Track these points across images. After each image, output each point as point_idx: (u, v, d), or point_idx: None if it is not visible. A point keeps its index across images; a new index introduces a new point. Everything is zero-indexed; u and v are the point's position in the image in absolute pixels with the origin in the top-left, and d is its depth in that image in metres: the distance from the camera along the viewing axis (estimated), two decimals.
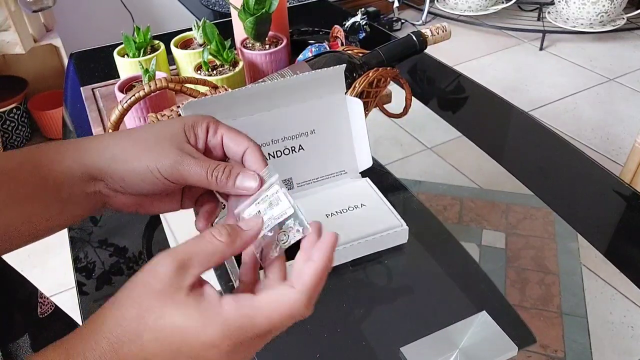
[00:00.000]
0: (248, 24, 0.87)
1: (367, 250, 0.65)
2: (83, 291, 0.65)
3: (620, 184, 0.79)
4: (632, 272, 0.63)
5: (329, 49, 0.90)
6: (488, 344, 0.55)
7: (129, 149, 0.41)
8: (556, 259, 0.68)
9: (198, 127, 0.42)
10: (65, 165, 0.42)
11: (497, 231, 0.72)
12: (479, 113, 1.01)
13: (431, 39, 0.79)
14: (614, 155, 1.94)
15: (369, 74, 0.72)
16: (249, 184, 0.41)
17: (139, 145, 0.41)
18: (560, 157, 0.87)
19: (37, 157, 0.42)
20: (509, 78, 2.43)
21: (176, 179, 0.41)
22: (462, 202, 0.79)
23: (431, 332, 0.56)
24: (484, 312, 0.58)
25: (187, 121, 0.42)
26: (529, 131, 0.94)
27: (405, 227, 0.66)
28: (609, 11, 2.50)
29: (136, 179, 0.41)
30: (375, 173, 0.73)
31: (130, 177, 0.41)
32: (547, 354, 0.56)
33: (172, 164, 0.40)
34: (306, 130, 0.68)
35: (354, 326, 0.59)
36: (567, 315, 0.61)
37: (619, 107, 2.20)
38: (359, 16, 1.01)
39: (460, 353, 0.54)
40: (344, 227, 0.65)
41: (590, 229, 0.72)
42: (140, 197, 0.44)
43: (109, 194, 0.43)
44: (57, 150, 0.43)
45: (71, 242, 0.71)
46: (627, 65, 2.47)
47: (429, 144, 0.94)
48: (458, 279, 0.65)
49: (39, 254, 1.69)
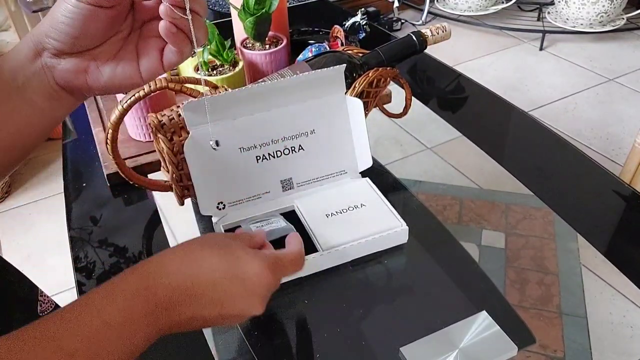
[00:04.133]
0: (248, 24, 0.87)
1: (367, 250, 0.65)
2: (83, 291, 0.65)
3: (620, 184, 0.79)
4: (632, 272, 0.63)
5: (329, 49, 0.90)
6: (488, 344, 0.55)
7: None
8: (556, 259, 0.68)
9: None
10: (19, 52, 0.44)
11: (496, 231, 0.72)
12: (479, 113, 1.01)
13: (431, 39, 0.79)
14: (613, 155, 1.94)
15: (369, 74, 0.72)
16: None
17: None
18: (560, 157, 0.87)
19: (2, 57, 0.44)
20: (509, 78, 2.43)
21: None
22: (462, 202, 0.79)
23: (431, 332, 0.56)
24: (484, 312, 0.58)
25: None
26: (529, 131, 0.94)
27: (405, 227, 0.66)
28: (609, 11, 2.50)
29: (65, 19, 0.42)
30: (375, 173, 0.73)
31: (62, 22, 0.42)
32: (547, 354, 0.57)
33: None
34: (306, 130, 0.68)
35: (354, 326, 0.59)
36: (566, 315, 0.61)
37: (619, 107, 2.20)
38: (359, 16, 1.01)
39: (460, 353, 0.54)
40: (344, 227, 0.65)
41: (590, 229, 0.72)
42: (86, 57, 0.44)
43: (53, 64, 0.44)
44: (16, 46, 0.45)
45: (71, 242, 0.71)
46: (627, 65, 2.47)
47: (429, 144, 0.94)
48: (458, 279, 0.65)
49: (39, 253, 1.69)
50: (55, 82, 0.45)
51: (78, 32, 0.42)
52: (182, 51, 0.45)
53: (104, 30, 0.44)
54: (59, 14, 0.42)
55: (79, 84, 0.45)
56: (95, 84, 0.45)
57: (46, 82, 0.44)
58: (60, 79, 0.45)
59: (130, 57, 0.46)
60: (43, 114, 0.45)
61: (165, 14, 0.42)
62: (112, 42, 0.45)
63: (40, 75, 0.44)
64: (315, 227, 0.66)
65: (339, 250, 0.63)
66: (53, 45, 0.43)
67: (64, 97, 0.46)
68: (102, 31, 0.44)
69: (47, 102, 0.45)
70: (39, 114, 0.45)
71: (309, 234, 0.65)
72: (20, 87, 0.44)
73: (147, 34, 0.46)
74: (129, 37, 0.46)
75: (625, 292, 0.65)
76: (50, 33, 0.43)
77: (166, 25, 0.42)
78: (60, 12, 0.42)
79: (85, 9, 0.41)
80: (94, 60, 0.45)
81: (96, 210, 0.76)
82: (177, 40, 0.43)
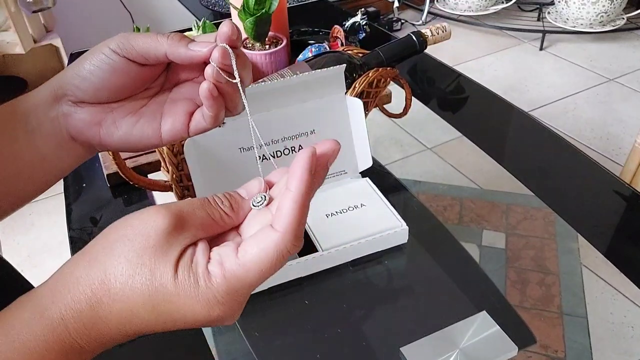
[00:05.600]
0: (248, 24, 0.87)
1: (367, 250, 0.65)
2: None
3: (620, 184, 0.79)
4: (632, 272, 0.63)
5: (329, 49, 0.90)
6: (488, 344, 0.55)
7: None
8: (556, 259, 0.68)
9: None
10: (37, 94, 0.42)
11: (497, 231, 0.72)
12: (479, 113, 1.01)
13: (431, 39, 0.79)
14: (613, 155, 1.94)
15: (369, 74, 0.72)
16: (201, 46, 0.39)
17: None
18: (560, 157, 0.87)
19: (18, 97, 0.42)
20: (509, 78, 2.43)
21: (127, 51, 0.39)
22: (462, 203, 0.79)
23: (431, 332, 0.56)
24: (484, 312, 0.58)
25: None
26: (529, 131, 0.94)
27: (405, 227, 0.66)
28: (609, 11, 2.50)
29: (93, 68, 0.40)
30: (375, 173, 0.73)
31: (88, 71, 0.40)
32: (548, 354, 0.56)
33: (120, 38, 0.39)
34: (306, 130, 0.68)
35: (354, 326, 0.59)
36: (567, 315, 0.61)
37: (619, 107, 2.20)
38: (359, 16, 1.01)
39: (460, 353, 0.54)
40: (344, 227, 0.65)
41: (590, 229, 0.72)
42: (104, 109, 0.42)
43: (70, 112, 0.41)
44: (38, 88, 0.43)
45: (71, 242, 0.71)
46: (627, 65, 2.46)
47: (429, 144, 0.94)
48: (458, 279, 0.65)
49: (39, 253, 1.69)
50: (68, 131, 0.42)
51: (105, 84, 0.40)
52: (217, 117, 0.41)
53: (132, 86, 0.41)
54: (89, 62, 0.40)
55: (91, 135, 0.42)
56: (109, 138, 0.42)
57: (58, 130, 0.42)
58: (73, 128, 0.42)
59: (152, 116, 0.42)
60: (48, 162, 0.43)
61: (211, 75, 0.38)
62: (137, 98, 0.43)
63: (54, 122, 0.42)
64: (315, 227, 0.66)
65: (339, 250, 0.63)
66: (74, 93, 0.41)
67: (73, 148, 0.43)
68: (130, 87, 0.41)
69: (54, 150, 0.42)
70: (44, 162, 0.42)
71: (309, 234, 0.65)
72: (30, 132, 0.41)
73: (177, 96, 0.43)
74: (155, 96, 0.43)
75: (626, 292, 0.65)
76: (75, 80, 0.40)
77: (209, 87, 0.39)
78: (90, 60, 0.40)
79: (119, 61, 0.39)
80: (112, 112, 0.42)
81: (96, 211, 0.76)
82: (215, 106, 0.40)
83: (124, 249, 0.32)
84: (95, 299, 0.32)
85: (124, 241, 0.33)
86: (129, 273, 0.32)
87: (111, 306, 0.32)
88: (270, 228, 0.33)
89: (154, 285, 0.32)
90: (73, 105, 0.41)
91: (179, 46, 0.39)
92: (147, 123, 0.42)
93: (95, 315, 0.32)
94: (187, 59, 0.39)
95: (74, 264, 0.34)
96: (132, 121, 0.42)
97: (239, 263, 0.32)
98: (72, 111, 0.42)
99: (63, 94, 0.41)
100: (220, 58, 0.38)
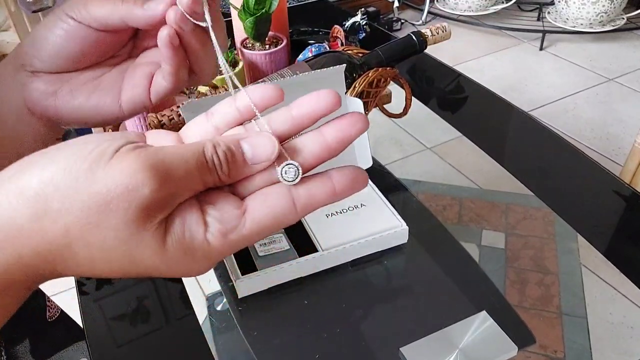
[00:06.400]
0: (248, 24, 0.87)
1: (367, 250, 0.65)
2: (83, 291, 0.65)
3: (620, 184, 0.79)
4: (632, 272, 0.63)
5: (329, 49, 0.90)
6: (488, 344, 0.55)
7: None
8: (556, 259, 0.68)
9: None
10: (1, 67, 0.39)
11: (496, 231, 0.72)
12: (479, 113, 1.01)
13: (431, 39, 0.79)
14: (613, 155, 1.94)
15: (369, 74, 0.72)
16: (158, 2, 0.33)
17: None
18: (560, 157, 0.87)
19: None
20: (509, 78, 2.43)
21: (82, 16, 0.35)
22: (462, 202, 0.79)
23: (431, 332, 0.56)
24: (483, 312, 0.58)
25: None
26: (529, 131, 0.94)
27: (405, 227, 0.66)
28: (609, 11, 2.50)
29: (48, 34, 0.36)
30: (375, 173, 0.73)
31: (43, 37, 0.36)
32: (547, 354, 0.57)
33: (76, 1, 0.35)
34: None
35: (353, 326, 0.59)
36: (566, 315, 0.61)
37: (619, 107, 2.20)
38: (358, 16, 1.01)
39: (460, 353, 0.54)
40: (344, 227, 0.65)
41: (590, 229, 0.72)
42: (61, 78, 0.37)
43: (26, 82, 0.37)
44: (3, 60, 0.39)
45: None
46: (627, 65, 2.47)
47: (429, 144, 0.94)
48: (458, 279, 0.65)
49: None
50: (25, 103, 0.38)
51: (62, 51, 0.36)
52: (177, 74, 0.35)
53: (94, 54, 0.37)
54: (44, 28, 0.36)
55: (47, 106, 0.38)
56: (64, 108, 0.37)
57: (16, 103, 0.38)
58: (28, 98, 0.38)
59: (112, 83, 0.38)
60: (9, 139, 0.39)
61: (173, 20, 0.32)
62: (101, 66, 0.38)
63: (13, 94, 0.38)
64: (315, 227, 0.66)
65: (339, 250, 0.63)
66: (30, 62, 0.37)
67: (31, 123, 0.39)
68: (91, 55, 0.37)
69: (15, 124, 0.39)
70: (3, 138, 0.38)
71: (309, 234, 0.65)
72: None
73: (141, 61, 0.38)
74: (120, 65, 0.39)
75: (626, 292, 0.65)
76: (30, 49, 0.36)
77: (169, 33, 0.33)
78: (45, 26, 0.36)
79: (75, 26, 0.35)
80: (69, 81, 0.38)
81: None
82: (174, 58, 0.34)
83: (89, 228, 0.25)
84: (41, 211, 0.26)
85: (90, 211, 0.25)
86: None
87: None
88: (281, 187, 0.29)
89: (136, 266, 0.26)
90: (30, 76, 0.37)
91: (134, 8, 0.34)
92: (106, 91, 0.37)
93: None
94: (144, 20, 0.34)
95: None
96: (89, 89, 0.37)
97: (245, 235, 0.27)
98: (28, 81, 0.37)
99: (21, 64, 0.37)
100: (190, 1, 0.32)
